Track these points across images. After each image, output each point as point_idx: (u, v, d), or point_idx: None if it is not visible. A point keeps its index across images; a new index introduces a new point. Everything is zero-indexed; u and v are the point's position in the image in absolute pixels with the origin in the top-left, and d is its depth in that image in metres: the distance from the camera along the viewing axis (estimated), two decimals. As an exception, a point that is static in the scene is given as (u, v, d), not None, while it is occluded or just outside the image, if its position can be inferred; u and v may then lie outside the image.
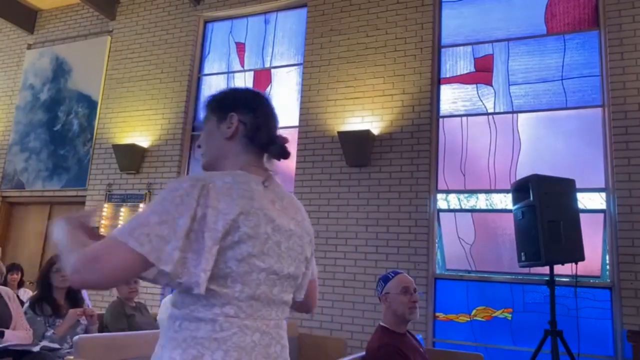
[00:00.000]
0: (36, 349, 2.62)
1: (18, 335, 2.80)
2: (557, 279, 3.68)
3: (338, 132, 5.13)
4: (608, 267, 4.28)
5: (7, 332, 2.76)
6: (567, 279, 4.24)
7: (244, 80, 6.15)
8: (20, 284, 5.38)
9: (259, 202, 1.16)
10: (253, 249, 1.12)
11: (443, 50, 5.26)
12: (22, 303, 3.32)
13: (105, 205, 6.18)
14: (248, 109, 1.31)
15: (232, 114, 1.30)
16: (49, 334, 3.01)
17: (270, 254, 1.15)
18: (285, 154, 1.31)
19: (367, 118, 5.19)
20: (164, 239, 1.03)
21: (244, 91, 1.39)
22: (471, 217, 4.83)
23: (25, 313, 3.07)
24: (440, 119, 5.10)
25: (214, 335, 1.09)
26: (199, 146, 1.37)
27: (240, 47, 6.28)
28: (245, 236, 1.10)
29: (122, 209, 6.07)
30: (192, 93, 6.28)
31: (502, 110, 4.94)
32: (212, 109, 1.34)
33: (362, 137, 5.00)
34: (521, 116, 4.87)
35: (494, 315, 4.55)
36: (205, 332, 1.09)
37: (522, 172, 4.54)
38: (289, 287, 1.23)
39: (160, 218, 1.05)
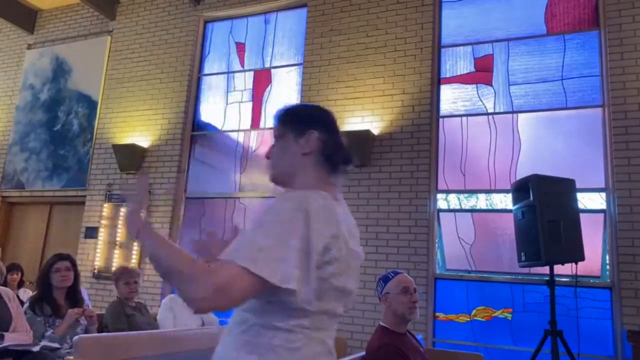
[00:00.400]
0: (36, 349, 2.62)
1: (18, 338, 2.80)
2: (557, 279, 3.68)
3: (338, 132, 5.13)
4: (608, 267, 4.28)
5: (6, 335, 2.76)
6: (567, 279, 4.24)
7: (244, 80, 6.15)
8: (20, 284, 5.39)
9: (342, 226, 1.23)
10: (335, 270, 1.19)
11: (443, 50, 5.26)
12: (22, 303, 3.32)
13: (105, 205, 6.18)
14: (326, 127, 1.37)
15: (313, 131, 1.34)
16: (48, 333, 3.01)
17: (343, 274, 1.23)
18: (349, 168, 1.38)
19: (367, 118, 5.19)
20: (281, 261, 1.09)
21: (318, 108, 1.45)
22: (471, 217, 4.83)
23: (25, 313, 3.07)
24: (440, 119, 5.10)
25: (288, 345, 1.16)
26: (268, 157, 1.40)
27: (240, 47, 6.28)
28: (333, 258, 1.18)
29: (122, 209, 6.07)
30: (192, 93, 6.28)
31: (502, 110, 4.94)
32: (289, 123, 1.37)
33: (362, 137, 5.00)
34: (521, 116, 4.87)
35: (494, 315, 4.55)
36: (281, 341, 1.16)
37: (522, 172, 4.54)
38: (344, 302, 1.30)
39: (274, 241, 1.10)
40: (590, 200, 4.42)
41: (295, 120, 1.37)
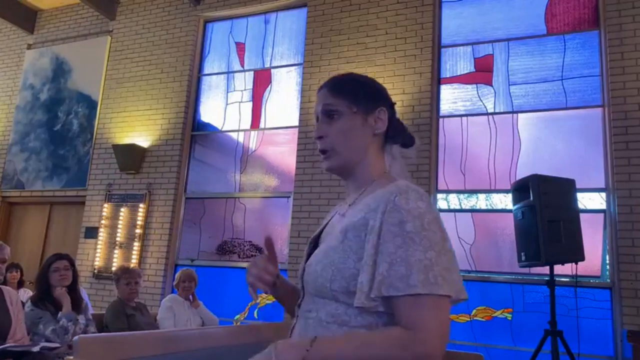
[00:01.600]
0: (36, 349, 2.61)
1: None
2: (557, 279, 3.68)
3: (338, 132, 5.13)
4: (608, 267, 4.27)
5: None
6: (567, 279, 4.24)
7: (244, 80, 6.15)
8: (20, 284, 5.39)
9: None
10: None
11: (443, 50, 5.26)
12: (22, 304, 3.33)
13: (105, 205, 6.18)
14: (390, 104, 1.19)
15: (382, 108, 1.15)
16: (60, 315, 3.06)
17: None
18: (411, 145, 1.23)
19: (367, 118, 5.18)
20: (450, 270, 0.98)
21: (379, 83, 1.23)
22: (471, 217, 4.83)
23: (32, 310, 3.09)
24: (440, 119, 5.10)
25: None
26: (320, 137, 1.15)
27: (240, 47, 6.28)
28: None
29: (122, 209, 6.07)
30: (192, 93, 6.28)
31: (502, 110, 4.94)
32: (358, 96, 1.14)
33: (362, 137, 4.99)
34: (521, 116, 4.86)
35: (494, 315, 4.55)
36: None
37: (522, 172, 4.54)
38: None
39: (436, 251, 0.96)
40: (590, 200, 4.42)
41: (364, 93, 1.15)
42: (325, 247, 1.10)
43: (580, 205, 4.00)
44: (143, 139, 6.23)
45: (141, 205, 5.98)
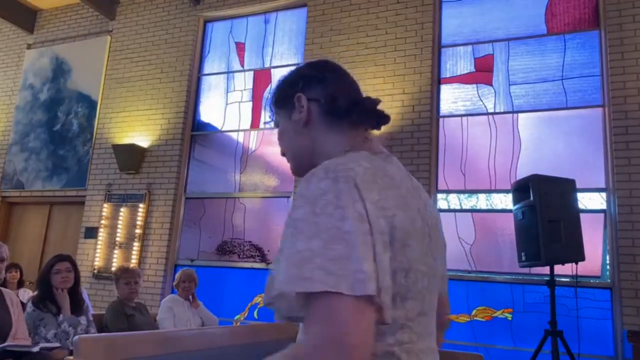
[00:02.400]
0: (36, 349, 2.61)
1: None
2: (557, 279, 3.68)
3: (338, 132, 5.13)
4: (608, 267, 4.27)
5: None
6: (567, 279, 4.24)
7: (244, 80, 6.15)
8: (20, 284, 5.38)
9: (405, 189, 0.92)
10: (416, 252, 0.89)
11: (443, 50, 5.26)
12: (22, 304, 3.32)
13: (105, 205, 6.18)
14: (315, 80, 1.07)
15: (298, 95, 1.06)
16: (61, 319, 3.06)
17: (428, 253, 0.93)
18: (382, 118, 1.05)
19: (367, 118, 5.18)
20: (345, 259, 0.76)
21: (303, 66, 1.16)
22: (471, 217, 4.83)
23: (33, 310, 3.09)
24: (440, 119, 5.10)
25: None
26: (283, 154, 1.11)
27: (240, 47, 6.28)
28: (407, 236, 0.86)
29: (122, 209, 6.07)
30: (192, 93, 6.27)
31: (502, 110, 4.94)
32: (277, 102, 1.11)
33: (362, 137, 4.99)
34: (521, 116, 4.86)
35: (494, 315, 4.55)
36: None
37: (522, 172, 4.54)
38: (438, 287, 1.00)
39: (323, 238, 0.77)
40: (590, 200, 4.42)
41: (278, 95, 1.11)
42: None
43: (580, 205, 4.00)
44: (143, 139, 6.22)
45: (141, 205, 5.98)
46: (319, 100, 1.04)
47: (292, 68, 1.17)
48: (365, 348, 0.74)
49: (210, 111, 6.25)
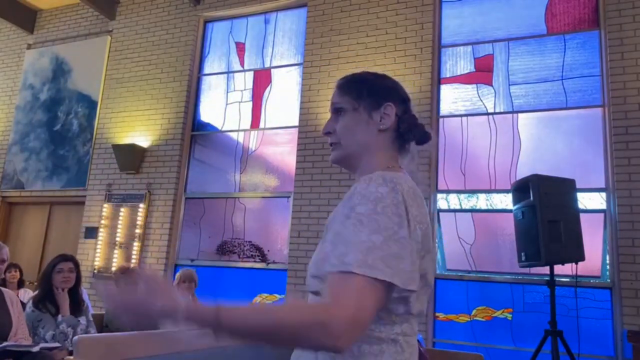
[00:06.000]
0: (36, 349, 2.61)
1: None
2: (557, 279, 3.68)
3: (338, 132, 5.13)
4: (608, 267, 4.27)
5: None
6: (567, 279, 4.24)
7: (244, 80, 6.15)
8: (20, 284, 5.38)
9: (424, 207, 1.06)
10: (429, 263, 1.04)
11: (443, 50, 5.26)
12: (22, 304, 3.32)
13: (105, 205, 6.18)
14: (401, 99, 1.18)
15: (389, 104, 1.15)
16: (60, 319, 3.07)
17: (433, 265, 1.09)
18: (426, 140, 1.19)
19: (367, 118, 5.18)
20: (399, 258, 0.92)
21: (394, 80, 1.24)
22: (471, 217, 4.83)
23: (32, 311, 3.09)
24: (440, 119, 5.10)
25: (398, 358, 0.98)
26: (329, 133, 1.18)
27: (240, 47, 6.28)
28: (427, 250, 1.03)
29: (122, 209, 6.07)
30: (192, 93, 6.27)
31: (502, 110, 4.94)
32: (362, 94, 1.16)
33: (362, 137, 4.99)
34: (521, 116, 4.86)
35: (494, 315, 4.55)
36: (390, 356, 0.97)
37: (522, 172, 4.54)
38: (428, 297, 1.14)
39: (384, 236, 0.92)
40: (590, 200, 4.42)
41: (367, 90, 1.17)
42: (318, 245, 1.12)
43: (580, 205, 4.00)
44: (143, 139, 6.22)
45: (141, 205, 5.98)
46: (400, 118, 1.16)
47: (369, 72, 1.24)
48: (365, 330, 0.91)
49: (210, 111, 6.25)
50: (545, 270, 3.79)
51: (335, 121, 1.18)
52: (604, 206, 4.38)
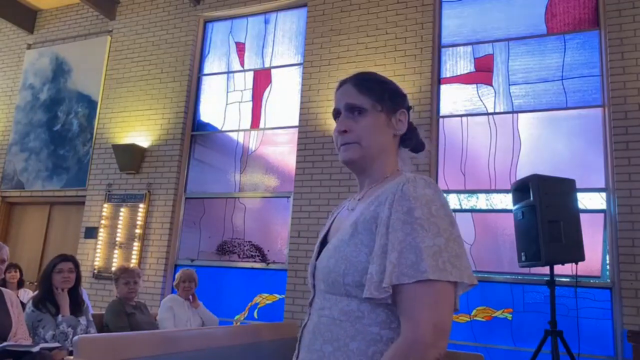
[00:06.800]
0: (36, 349, 2.61)
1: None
2: (557, 279, 3.68)
3: (338, 132, 5.13)
4: (608, 267, 4.27)
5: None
6: (567, 279, 4.24)
7: (244, 80, 6.15)
8: (20, 284, 5.39)
9: None
10: None
11: (443, 50, 5.26)
12: (22, 304, 3.32)
13: (105, 205, 6.18)
14: (408, 107, 1.23)
15: (403, 110, 1.20)
16: (60, 320, 3.06)
17: None
18: (422, 149, 1.28)
19: (367, 118, 5.18)
20: (461, 257, 0.98)
21: (397, 84, 1.26)
22: (471, 217, 4.83)
23: (32, 311, 3.09)
24: (440, 119, 5.10)
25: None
26: (345, 131, 1.16)
27: (240, 47, 6.28)
28: None
29: (122, 209, 6.07)
30: (192, 93, 6.27)
31: (502, 110, 4.94)
32: (384, 96, 1.17)
33: (362, 137, 4.99)
34: (521, 116, 4.86)
35: (494, 315, 4.55)
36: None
37: (522, 172, 4.54)
38: None
39: (445, 237, 0.97)
40: (590, 200, 4.42)
41: (389, 93, 1.18)
42: (336, 241, 1.09)
43: (580, 205, 4.00)
44: (143, 139, 6.23)
45: (141, 205, 5.98)
46: (409, 126, 1.21)
47: (383, 77, 1.25)
48: (449, 333, 0.96)
49: (210, 111, 6.25)
50: (545, 270, 3.79)
51: (352, 120, 1.16)
52: (604, 206, 4.38)
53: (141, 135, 6.25)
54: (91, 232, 6.18)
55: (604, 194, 4.41)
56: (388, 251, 0.97)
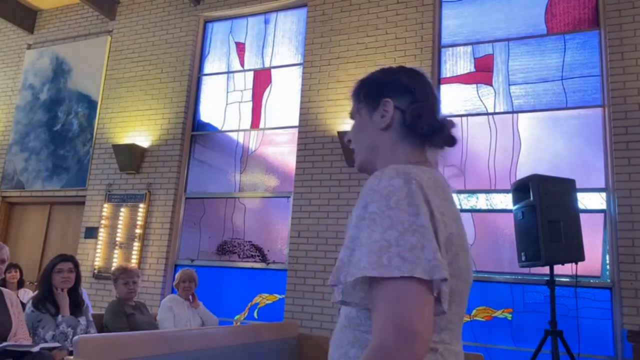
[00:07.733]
0: (36, 349, 2.61)
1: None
2: (557, 279, 3.68)
3: (338, 132, 5.13)
4: (608, 267, 4.27)
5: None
6: (567, 279, 4.24)
7: (244, 80, 6.15)
8: (20, 284, 5.39)
9: (453, 204, 0.99)
10: (463, 263, 0.99)
11: (443, 50, 5.26)
12: (22, 304, 3.32)
13: (105, 205, 6.18)
14: (404, 91, 1.10)
15: (387, 99, 1.09)
16: (60, 320, 3.06)
17: (469, 265, 1.04)
18: (452, 142, 1.12)
19: (367, 118, 5.18)
20: (419, 248, 0.85)
21: (397, 70, 1.15)
22: (471, 217, 4.83)
23: (32, 311, 3.09)
24: (440, 119, 5.09)
25: None
26: (349, 141, 1.16)
27: (240, 47, 6.28)
28: (459, 248, 0.97)
29: (122, 209, 6.07)
30: (192, 93, 6.28)
31: (502, 110, 4.94)
32: (362, 96, 1.14)
33: (362, 137, 4.99)
34: (521, 116, 4.86)
35: (494, 315, 4.55)
36: None
37: (522, 172, 4.54)
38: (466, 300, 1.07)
39: (399, 230, 0.86)
40: (590, 200, 4.42)
41: (366, 90, 1.13)
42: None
43: (580, 205, 4.00)
44: (143, 139, 6.23)
45: (141, 205, 5.98)
46: (404, 112, 1.08)
47: (384, 68, 1.18)
48: (427, 335, 0.83)
49: (210, 111, 6.25)
50: (545, 270, 3.79)
51: (351, 128, 1.19)
52: (604, 206, 4.38)
53: (141, 135, 6.25)
54: (91, 232, 6.18)
55: (604, 194, 4.41)
56: (341, 250, 0.93)
